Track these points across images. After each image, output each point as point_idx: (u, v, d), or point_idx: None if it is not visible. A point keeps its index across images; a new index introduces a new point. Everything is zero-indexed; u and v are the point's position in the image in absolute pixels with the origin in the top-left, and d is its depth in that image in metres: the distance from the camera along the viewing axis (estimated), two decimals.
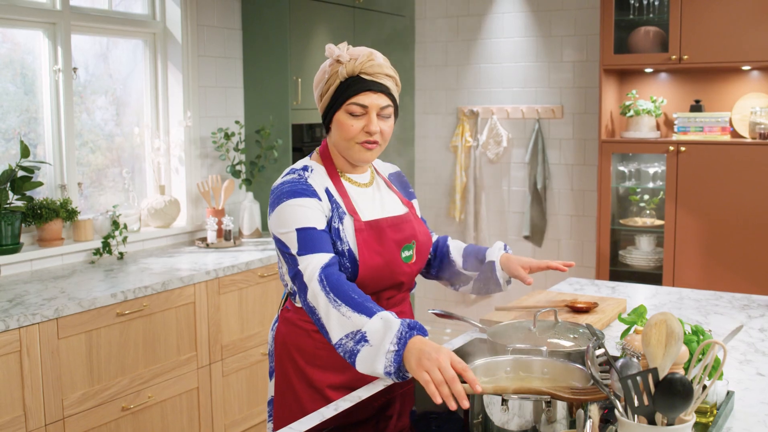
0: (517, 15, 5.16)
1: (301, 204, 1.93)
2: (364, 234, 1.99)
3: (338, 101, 1.98)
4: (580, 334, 2.05)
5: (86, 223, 3.70)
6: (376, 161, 2.24)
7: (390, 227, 2.05)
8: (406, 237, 2.07)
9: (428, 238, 2.18)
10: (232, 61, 4.49)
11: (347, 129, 1.98)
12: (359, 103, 1.96)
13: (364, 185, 2.10)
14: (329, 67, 2.01)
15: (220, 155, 4.39)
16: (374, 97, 1.97)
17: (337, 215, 1.98)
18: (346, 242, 1.96)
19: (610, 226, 4.64)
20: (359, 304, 1.78)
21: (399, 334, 1.71)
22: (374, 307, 1.77)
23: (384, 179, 2.19)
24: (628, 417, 1.40)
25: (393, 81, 2.01)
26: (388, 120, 2.02)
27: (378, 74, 1.97)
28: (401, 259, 2.05)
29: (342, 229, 1.97)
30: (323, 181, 2.03)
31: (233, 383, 3.72)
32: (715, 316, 2.63)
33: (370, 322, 1.74)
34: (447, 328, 5.58)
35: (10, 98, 3.58)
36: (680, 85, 4.70)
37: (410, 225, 2.11)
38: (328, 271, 1.85)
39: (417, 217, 2.19)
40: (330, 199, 2.00)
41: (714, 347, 1.44)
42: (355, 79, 1.96)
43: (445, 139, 5.51)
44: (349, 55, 1.98)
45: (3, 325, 2.67)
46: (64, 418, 2.93)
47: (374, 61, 1.98)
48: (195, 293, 3.47)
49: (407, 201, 2.18)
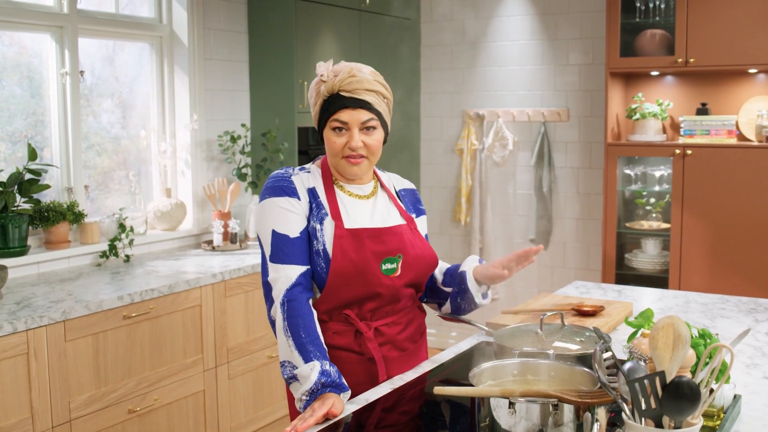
0: (523, 18, 5.16)
1: (280, 204, 2.03)
2: (342, 240, 2.02)
3: (323, 119, 2.06)
4: (586, 337, 2.05)
5: (93, 225, 3.71)
6: (392, 175, 2.27)
7: (371, 238, 2.05)
8: (389, 249, 2.06)
9: (424, 255, 2.14)
10: (239, 65, 4.50)
11: (332, 145, 2.06)
12: (339, 119, 2.03)
13: (361, 197, 2.12)
14: (315, 85, 2.08)
15: (226, 158, 4.39)
16: (353, 113, 2.02)
17: (318, 216, 2.04)
18: (321, 242, 2.02)
19: (616, 230, 4.63)
20: (302, 344, 1.93)
21: (312, 389, 1.87)
22: (312, 352, 1.92)
23: (389, 193, 2.19)
24: (636, 420, 1.40)
25: (377, 95, 2.05)
26: (373, 133, 2.06)
27: (357, 90, 2.02)
28: (380, 271, 2.04)
29: (319, 230, 2.03)
30: (312, 182, 2.09)
31: (239, 386, 3.72)
32: (722, 319, 2.62)
33: (303, 366, 1.90)
34: (453, 332, 5.58)
35: (17, 101, 3.59)
36: (686, 88, 4.69)
37: (398, 238, 2.09)
38: (292, 295, 1.98)
39: (415, 231, 2.16)
40: (313, 199, 2.06)
41: (721, 351, 1.44)
42: (335, 96, 2.04)
43: (450, 142, 5.51)
44: (332, 72, 2.04)
45: (10, 328, 2.68)
46: (71, 420, 2.94)
47: (354, 77, 2.02)
48: (201, 296, 3.47)
49: (408, 215, 2.18)
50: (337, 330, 2.07)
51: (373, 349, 2.06)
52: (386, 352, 2.11)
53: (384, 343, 2.10)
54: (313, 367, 1.88)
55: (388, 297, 2.08)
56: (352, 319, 2.06)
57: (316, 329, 1.97)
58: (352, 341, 2.07)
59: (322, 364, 1.89)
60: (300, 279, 2.00)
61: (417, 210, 2.24)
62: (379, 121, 2.06)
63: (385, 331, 2.11)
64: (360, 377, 2.07)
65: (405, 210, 2.19)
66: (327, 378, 1.87)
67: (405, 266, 2.09)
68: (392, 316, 2.13)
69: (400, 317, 2.15)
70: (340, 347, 2.07)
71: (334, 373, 1.90)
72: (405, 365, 2.16)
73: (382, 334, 2.10)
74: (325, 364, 1.90)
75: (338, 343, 2.07)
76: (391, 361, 2.12)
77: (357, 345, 2.07)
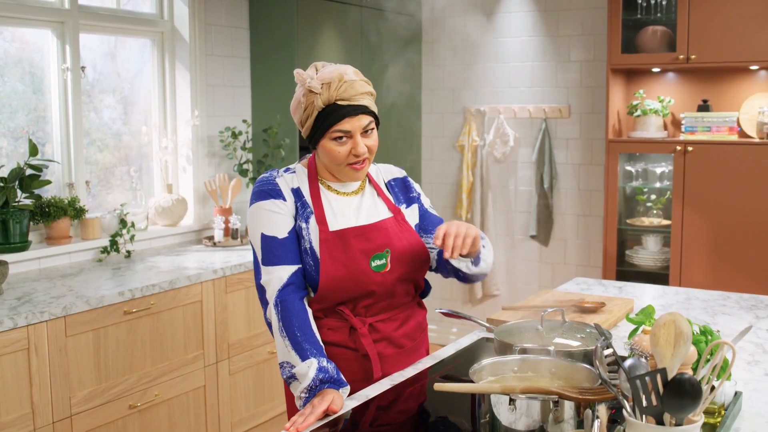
0: (524, 14, 5.15)
1: (267, 207, 2.05)
2: (329, 244, 2.01)
3: (320, 130, 2.00)
4: (587, 333, 2.05)
5: (94, 221, 3.71)
6: (381, 166, 2.25)
7: (357, 237, 2.04)
8: (376, 246, 2.05)
9: (412, 247, 2.11)
10: (240, 60, 4.50)
11: (335, 155, 2.01)
12: (342, 129, 1.98)
13: (348, 194, 2.11)
14: (303, 97, 2.00)
15: (227, 154, 4.39)
16: (355, 120, 1.98)
17: (303, 215, 2.05)
18: (308, 240, 2.03)
19: (617, 226, 4.63)
20: (298, 343, 1.93)
21: (310, 386, 1.88)
22: (309, 350, 1.92)
23: (377, 186, 2.17)
24: (637, 417, 1.40)
25: (368, 96, 2.02)
26: (372, 134, 2.05)
27: (354, 96, 1.98)
28: (370, 269, 2.03)
29: (305, 228, 2.04)
30: (296, 182, 2.08)
31: (240, 381, 3.72)
32: (723, 316, 2.62)
33: (301, 365, 1.91)
34: (453, 328, 5.58)
35: (19, 97, 3.59)
36: (688, 85, 4.69)
37: (384, 233, 2.07)
38: (285, 295, 1.98)
39: (403, 223, 2.14)
40: (298, 199, 2.06)
41: (723, 348, 1.44)
42: (332, 107, 1.97)
43: (452, 139, 5.51)
44: (320, 81, 1.97)
45: (11, 323, 2.68)
46: (72, 415, 2.94)
47: (346, 83, 1.97)
48: (202, 292, 3.47)
49: (395, 207, 2.15)
50: (332, 326, 2.07)
51: (367, 345, 2.06)
52: (381, 348, 2.09)
53: (379, 339, 2.09)
54: (311, 364, 1.89)
55: (383, 293, 2.07)
56: (347, 315, 2.05)
57: (312, 327, 1.97)
58: (346, 337, 2.07)
59: (319, 360, 1.90)
60: (292, 278, 2.00)
61: (408, 199, 2.21)
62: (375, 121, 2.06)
63: (381, 328, 2.10)
64: (355, 374, 2.06)
65: (393, 202, 2.17)
66: (325, 374, 1.88)
67: (394, 260, 2.07)
68: (387, 312, 2.11)
69: (396, 313, 2.13)
70: (335, 343, 2.06)
71: (332, 369, 1.90)
72: (402, 363, 2.14)
73: (377, 331, 2.09)
74: (323, 360, 1.90)
75: (333, 340, 2.06)
76: (387, 358, 2.10)
77: (352, 341, 2.07)
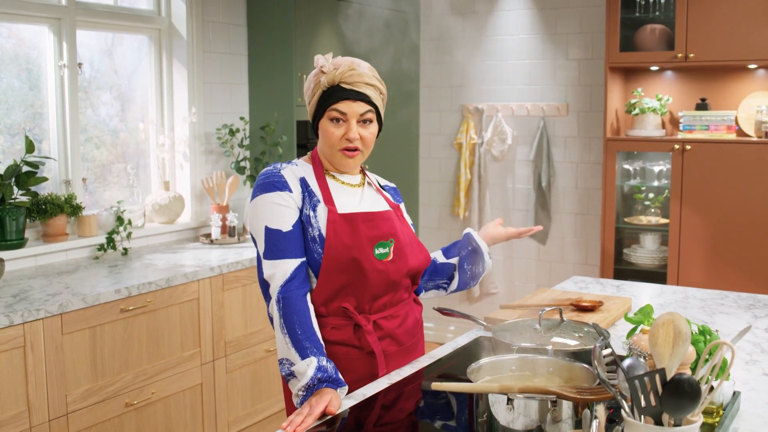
0: (522, 12, 5.15)
1: (272, 200, 2.04)
2: (336, 225, 2.04)
3: (320, 109, 2.08)
4: (585, 333, 2.04)
5: (90, 218, 3.70)
6: (374, 174, 2.31)
7: (365, 222, 2.08)
8: (382, 234, 2.09)
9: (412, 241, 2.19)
10: (237, 58, 4.48)
11: (329, 136, 2.07)
12: (339, 110, 2.05)
13: (352, 185, 2.16)
14: (314, 77, 2.10)
15: (224, 151, 4.38)
16: (353, 105, 2.05)
17: (310, 203, 2.06)
18: (317, 228, 2.04)
19: (615, 225, 4.63)
20: (298, 341, 1.94)
21: (308, 385, 1.89)
22: (309, 348, 1.92)
23: (375, 185, 2.24)
24: (635, 417, 1.40)
25: (374, 89, 2.09)
26: (369, 126, 2.09)
27: (357, 83, 2.06)
28: (374, 255, 2.06)
29: (313, 216, 2.05)
30: (302, 172, 2.11)
31: (237, 379, 3.72)
32: (721, 315, 2.62)
33: (300, 363, 1.92)
34: (451, 326, 5.58)
35: (15, 93, 3.57)
36: (686, 84, 4.68)
37: (390, 223, 2.12)
38: (288, 291, 1.98)
39: (402, 219, 2.22)
40: (305, 188, 2.08)
41: (722, 348, 1.43)
42: (335, 88, 2.06)
43: (449, 136, 5.50)
44: (332, 65, 2.07)
45: (7, 321, 2.67)
46: (68, 413, 2.93)
47: (355, 71, 2.06)
48: (199, 289, 3.46)
49: (394, 204, 2.23)
50: (336, 325, 2.07)
51: (373, 342, 2.06)
52: (385, 346, 2.11)
53: (383, 337, 2.11)
54: (310, 362, 1.89)
55: (382, 284, 2.08)
56: (351, 312, 2.06)
57: (313, 325, 1.97)
58: (351, 336, 2.07)
59: (318, 359, 1.90)
60: (295, 273, 2.00)
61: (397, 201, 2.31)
62: (376, 114, 2.10)
63: (384, 325, 2.11)
64: (360, 373, 2.07)
65: (391, 200, 2.24)
66: (323, 373, 1.88)
67: (397, 251, 2.11)
68: (390, 308, 2.13)
69: (397, 310, 2.15)
70: (340, 342, 2.06)
71: (331, 368, 1.91)
72: (403, 360, 2.16)
73: (380, 328, 2.10)
74: (322, 359, 1.91)
75: (337, 338, 2.06)
76: (390, 355, 2.12)
77: (356, 339, 2.07)
